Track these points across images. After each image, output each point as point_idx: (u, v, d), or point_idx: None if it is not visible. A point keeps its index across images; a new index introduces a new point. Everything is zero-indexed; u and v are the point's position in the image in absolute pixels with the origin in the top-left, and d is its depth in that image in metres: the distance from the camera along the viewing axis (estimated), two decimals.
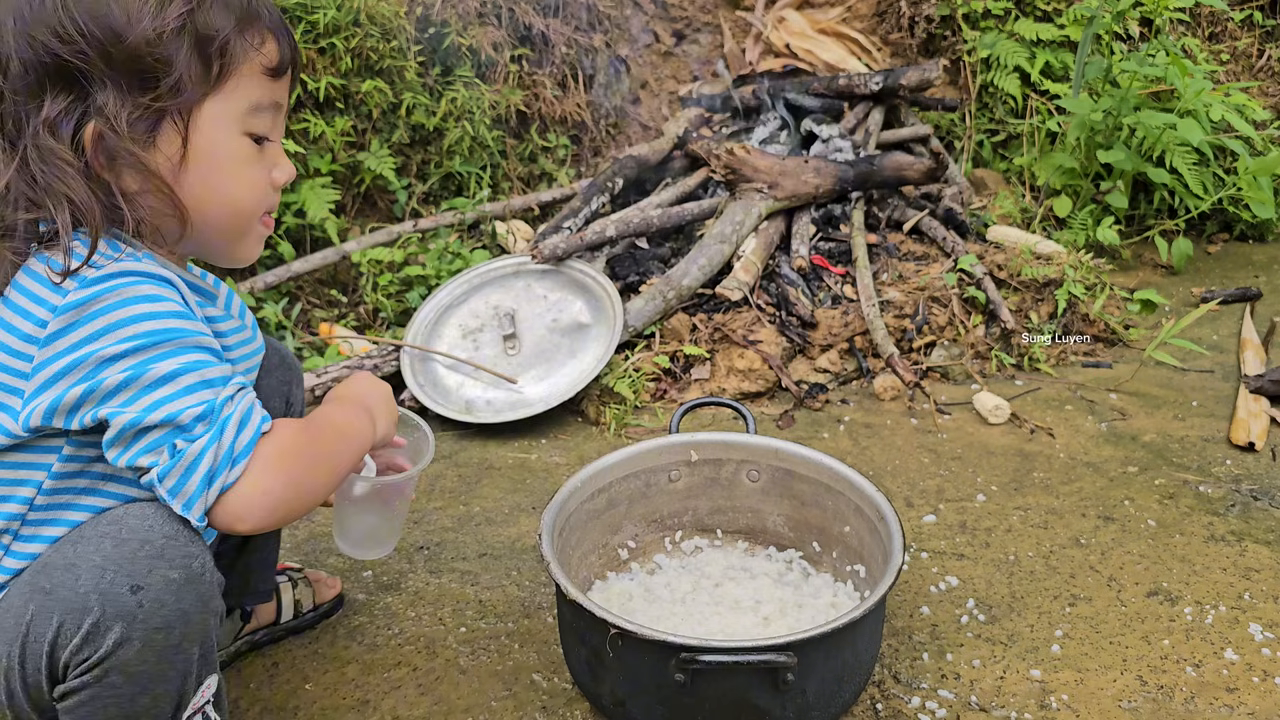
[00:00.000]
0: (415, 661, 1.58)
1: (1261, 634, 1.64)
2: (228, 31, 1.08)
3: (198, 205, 1.12)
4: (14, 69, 1.05)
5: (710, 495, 1.78)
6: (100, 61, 1.04)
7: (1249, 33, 4.02)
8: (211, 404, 1.04)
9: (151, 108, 1.06)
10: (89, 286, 1.03)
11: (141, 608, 1.01)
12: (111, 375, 1.03)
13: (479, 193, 3.18)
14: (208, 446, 1.03)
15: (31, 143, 1.05)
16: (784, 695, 1.31)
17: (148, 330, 1.04)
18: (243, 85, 1.11)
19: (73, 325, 1.03)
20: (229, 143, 1.12)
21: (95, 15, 1.04)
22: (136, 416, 1.02)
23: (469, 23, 3.28)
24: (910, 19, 3.82)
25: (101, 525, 1.06)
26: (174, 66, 1.06)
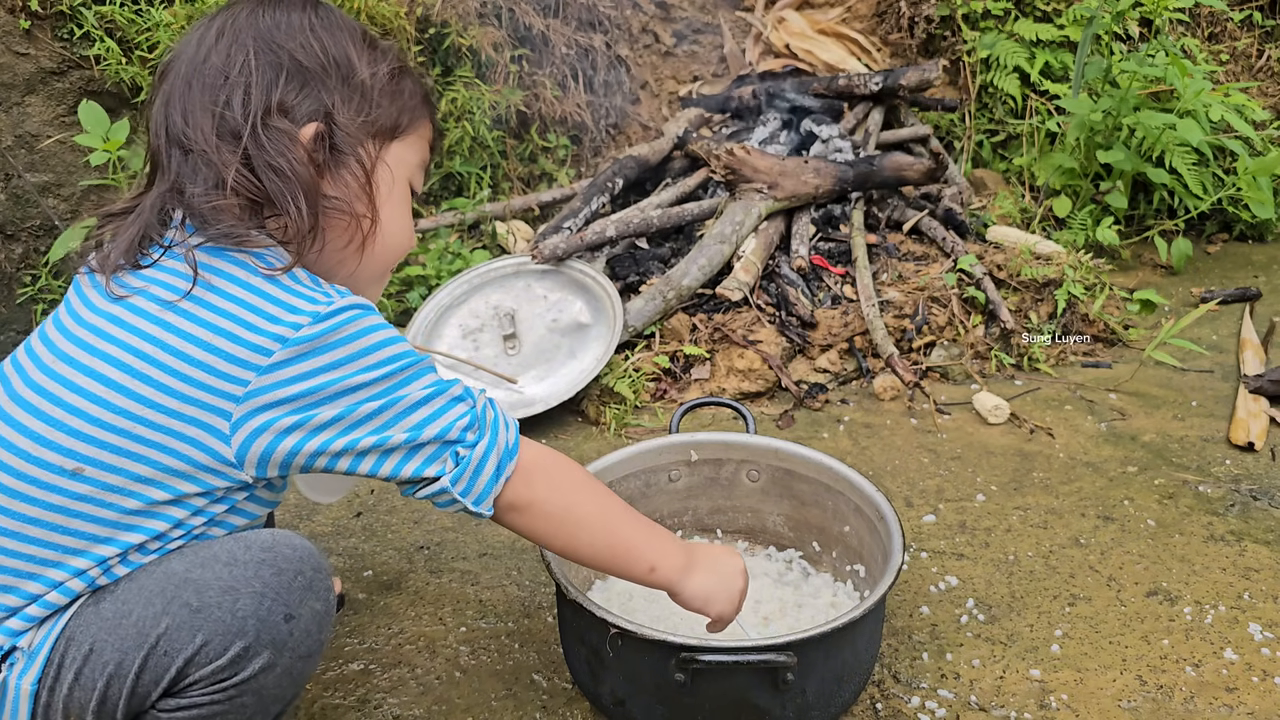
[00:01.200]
0: (415, 661, 1.59)
1: (1261, 634, 1.64)
2: (419, 97, 1.26)
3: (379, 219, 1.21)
4: (249, 65, 1.12)
5: (710, 495, 1.78)
6: (334, 74, 1.17)
7: (1249, 33, 4.02)
8: (473, 412, 1.15)
9: (362, 127, 1.18)
10: (324, 320, 1.07)
11: (292, 636, 1.07)
12: (361, 403, 1.09)
13: (479, 193, 3.18)
14: (490, 447, 1.15)
15: (262, 122, 1.11)
16: (784, 695, 1.31)
17: (386, 357, 1.11)
18: (417, 143, 1.26)
19: (304, 356, 1.07)
20: (401, 184, 1.24)
21: (335, 43, 1.18)
22: (408, 436, 1.11)
23: (469, 23, 3.28)
24: (910, 19, 3.82)
25: (255, 551, 1.08)
26: (383, 102, 1.20)
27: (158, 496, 1.08)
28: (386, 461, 1.12)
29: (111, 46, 2.71)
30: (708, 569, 1.30)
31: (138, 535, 1.09)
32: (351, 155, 1.17)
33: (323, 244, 1.16)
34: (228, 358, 1.05)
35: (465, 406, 1.15)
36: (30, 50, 2.67)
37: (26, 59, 2.67)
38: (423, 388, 1.13)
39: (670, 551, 1.28)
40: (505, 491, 1.17)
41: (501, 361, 2.51)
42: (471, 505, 1.15)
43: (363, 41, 1.21)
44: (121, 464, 1.06)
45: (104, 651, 1.04)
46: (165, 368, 1.05)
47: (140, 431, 1.06)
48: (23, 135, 2.68)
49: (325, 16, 1.19)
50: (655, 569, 1.26)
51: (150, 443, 1.06)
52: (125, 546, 1.09)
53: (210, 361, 1.05)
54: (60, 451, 1.06)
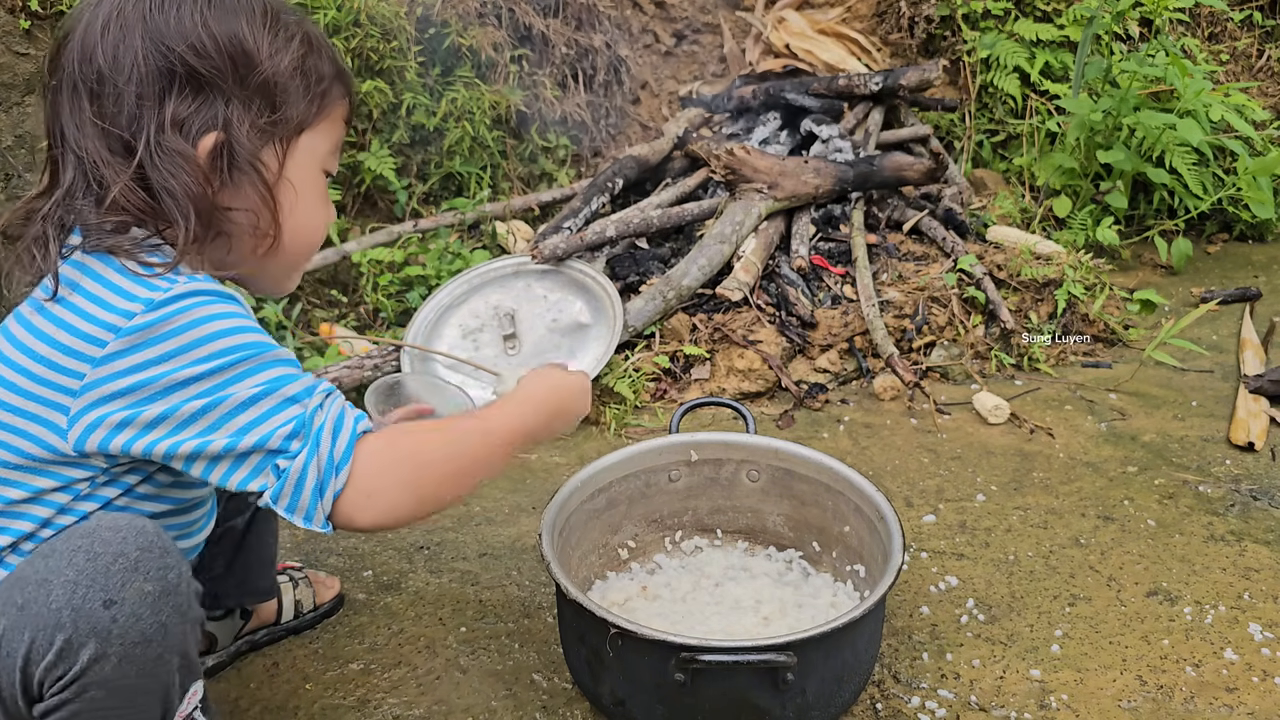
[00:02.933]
0: (415, 661, 1.59)
1: (1261, 634, 1.64)
2: (330, 78, 1.19)
3: (284, 229, 1.16)
4: (139, 72, 1.07)
5: (710, 495, 1.78)
6: (231, 78, 1.10)
7: (1249, 33, 4.02)
8: (301, 418, 1.06)
9: (265, 130, 1.13)
10: (157, 309, 1.04)
11: (116, 623, 0.99)
12: (187, 401, 1.04)
13: (479, 193, 3.18)
14: (309, 461, 1.05)
15: (155, 142, 1.07)
16: (784, 695, 1.31)
17: (221, 349, 1.05)
18: (330, 127, 1.21)
19: (136, 347, 1.03)
20: (313, 175, 1.20)
21: (232, 39, 1.10)
22: (229, 443, 1.04)
23: (469, 23, 3.28)
24: (910, 19, 3.81)
25: (74, 539, 1.03)
26: (289, 97, 1.14)
27: (15, 495, 1.09)
28: (213, 470, 1.06)
29: None
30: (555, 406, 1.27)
31: (5, 537, 1.09)
32: (252, 168, 1.11)
33: (228, 247, 1.14)
34: (67, 350, 1.05)
35: (295, 410, 1.06)
36: (30, 50, 2.67)
37: (26, 59, 2.67)
38: (254, 385, 1.05)
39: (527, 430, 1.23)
40: (340, 507, 1.06)
41: (501, 362, 2.51)
42: (301, 523, 1.06)
43: (263, 25, 1.12)
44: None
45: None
46: (17, 367, 1.07)
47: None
48: (23, 135, 2.68)
49: (220, 4, 1.11)
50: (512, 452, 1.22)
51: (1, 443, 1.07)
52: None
53: (52, 356, 1.05)
54: None
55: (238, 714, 1.48)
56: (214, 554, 1.50)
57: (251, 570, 1.55)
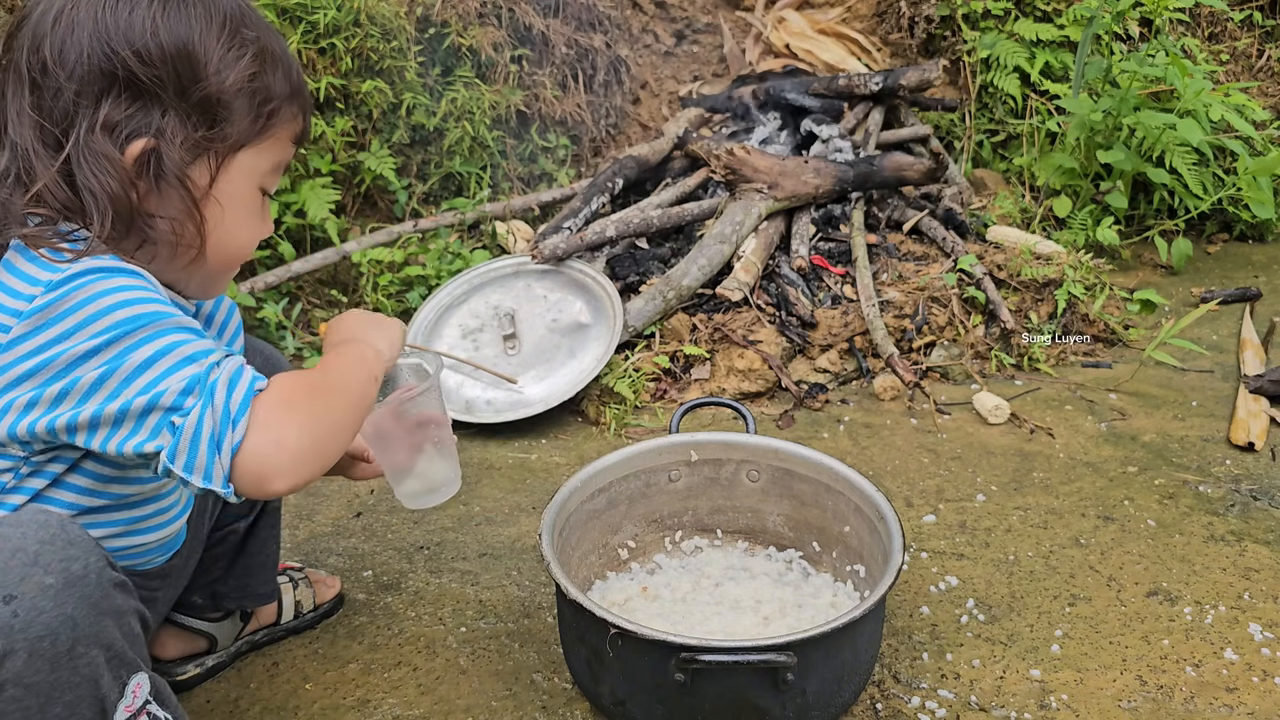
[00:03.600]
0: (415, 661, 1.59)
1: (1261, 634, 1.64)
2: (281, 99, 1.17)
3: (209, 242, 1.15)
4: (81, 70, 1.06)
5: (710, 495, 1.78)
6: (172, 89, 1.09)
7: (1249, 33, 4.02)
8: (196, 376, 1.03)
9: (200, 144, 1.11)
10: (55, 289, 1.03)
11: (17, 617, 0.96)
12: (86, 374, 1.02)
13: (479, 193, 3.18)
14: (203, 414, 1.01)
15: (84, 142, 1.06)
16: (784, 695, 1.31)
17: (118, 320, 1.03)
18: (275, 147, 1.19)
19: (37, 329, 1.03)
20: (247, 193, 1.18)
21: (180, 49, 1.08)
22: (124, 405, 1.02)
23: (469, 23, 3.28)
24: (910, 19, 3.82)
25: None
26: (232, 114, 1.12)
27: None
28: (112, 437, 1.03)
29: None
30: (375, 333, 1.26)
31: None
32: (178, 182, 1.10)
33: (152, 254, 1.13)
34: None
35: (191, 369, 1.02)
36: None
37: None
38: (151, 350, 1.02)
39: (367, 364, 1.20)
40: (240, 464, 1.01)
41: (502, 361, 2.51)
42: (200, 483, 1.01)
43: (219, 37, 1.10)
44: None
45: None
46: None
47: None
48: None
49: (176, 8, 1.09)
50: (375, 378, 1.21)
51: None
52: None
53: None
54: None
55: (238, 714, 1.48)
56: (214, 556, 1.50)
57: (252, 574, 1.55)
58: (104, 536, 1.19)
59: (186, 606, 1.52)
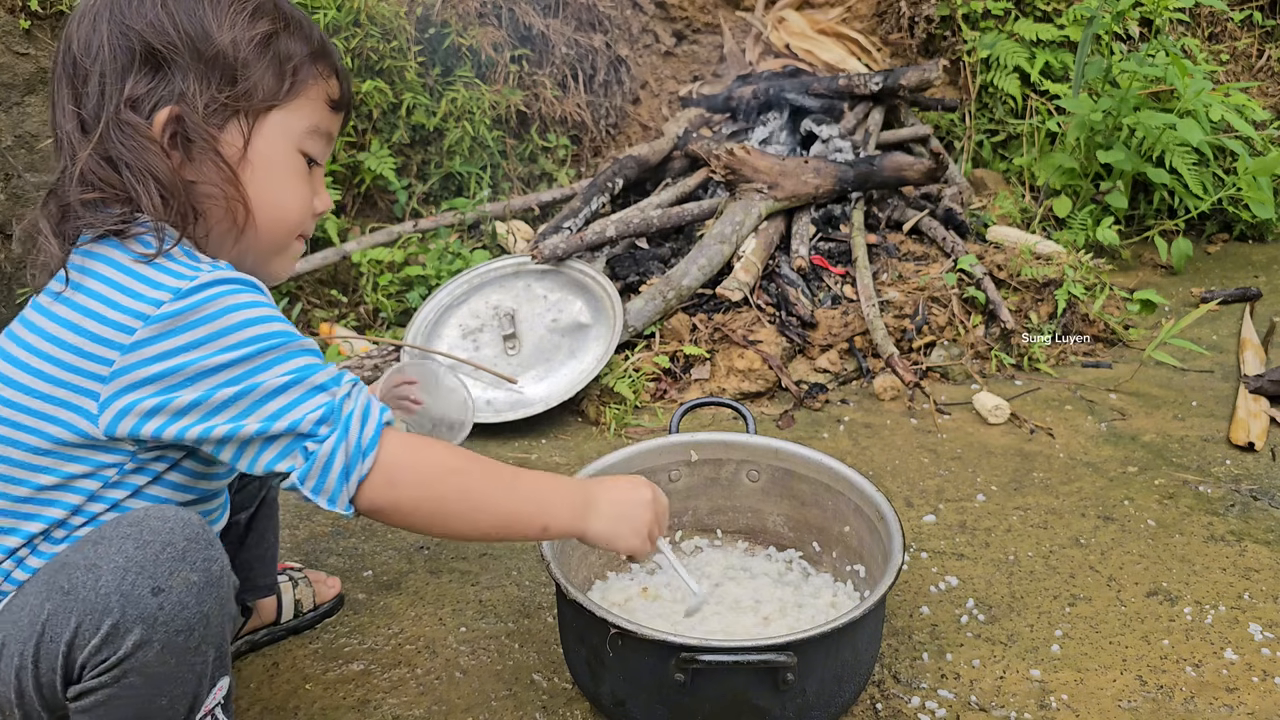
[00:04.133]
0: (415, 661, 1.59)
1: (1261, 634, 1.64)
2: (302, 56, 1.18)
3: (253, 206, 1.17)
4: (104, 55, 1.11)
5: (710, 495, 1.78)
6: (187, 53, 1.11)
7: (1249, 33, 4.02)
8: (331, 404, 1.09)
9: (226, 105, 1.13)
10: (185, 297, 1.06)
11: (162, 610, 1.02)
12: (218, 388, 1.07)
13: (479, 193, 3.18)
14: (337, 445, 1.09)
15: (113, 118, 1.10)
16: (784, 695, 1.31)
17: (249, 338, 1.07)
18: (307, 107, 1.20)
19: (165, 334, 1.06)
20: (286, 154, 1.19)
21: (190, 15, 1.12)
22: (260, 428, 1.07)
23: (469, 23, 3.28)
24: (910, 19, 3.82)
25: (123, 526, 1.06)
26: (251, 72, 1.14)
27: (45, 481, 1.10)
28: (243, 454, 1.09)
29: None
30: (607, 508, 1.27)
31: (37, 524, 1.11)
32: (205, 141, 1.12)
33: (206, 227, 1.15)
34: (94, 338, 1.07)
35: (325, 397, 1.10)
36: (30, 50, 2.67)
37: (26, 59, 2.67)
38: (282, 374, 1.08)
39: (562, 507, 1.24)
40: (363, 491, 1.11)
41: (501, 361, 2.51)
42: (325, 505, 1.10)
43: (229, 4, 1.14)
44: (6, 451, 1.10)
45: (10, 644, 1.06)
46: (41, 354, 1.09)
47: (18, 418, 1.09)
48: (23, 135, 2.68)
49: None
50: (548, 528, 1.23)
51: (26, 427, 1.09)
52: (28, 536, 1.11)
53: (79, 343, 1.07)
54: None
55: (238, 714, 1.48)
56: None
57: (253, 566, 1.55)
58: None
59: None
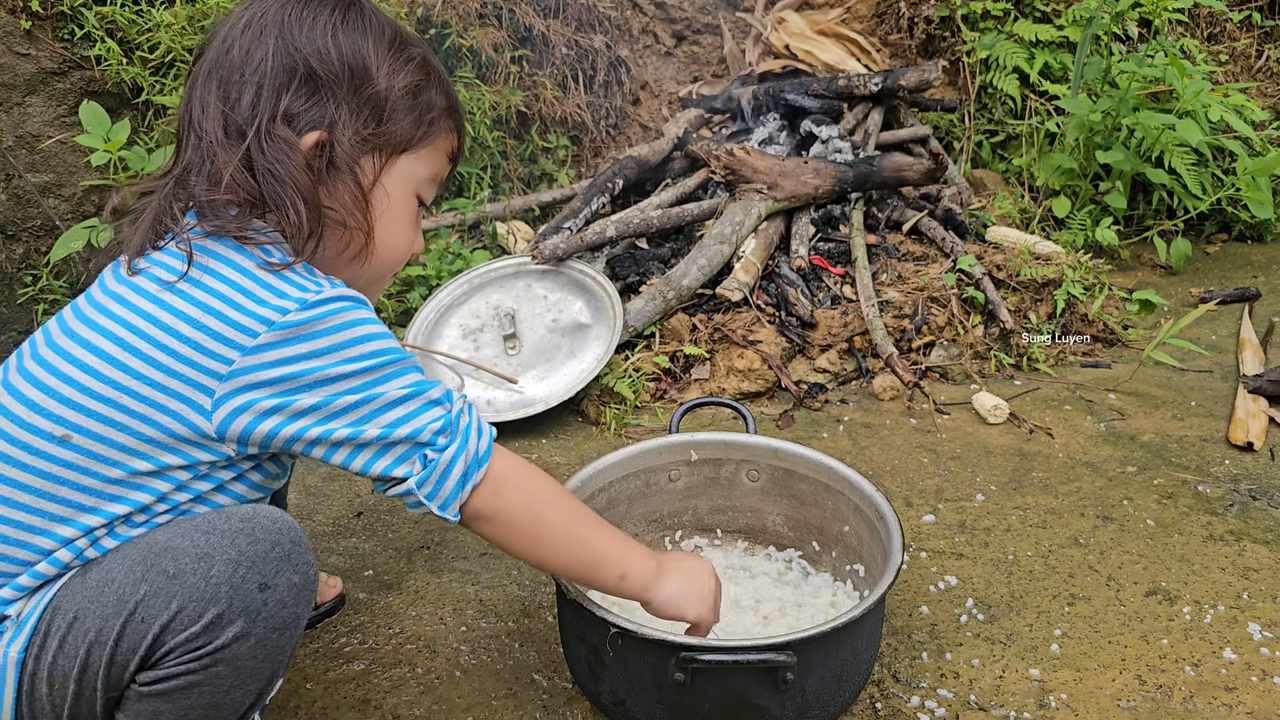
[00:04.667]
0: (415, 661, 1.59)
1: (1260, 633, 1.64)
2: (440, 110, 1.26)
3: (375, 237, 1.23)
4: (265, 67, 1.15)
5: (710, 495, 1.78)
6: (346, 85, 1.18)
7: (1248, 33, 4.03)
8: (448, 417, 1.17)
9: (368, 140, 1.20)
10: (311, 309, 1.10)
11: (266, 606, 1.07)
12: (339, 395, 1.11)
13: (479, 193, 3.18)
14: (458, 454, 1.16)
15: (266, 129, 1.14)
16: (784, 694, 1.32)
17: (369, 351, 1.13)
18: (432, 156, 1.27)
19: (288, 341, 1.09)
20: (406, 196, 1.26)
21: (355, 52, 1.19)
22: (381, 433, 1.13)
23: (469, 24, 3.29)
24: (909, 20, 3.82)
25: (234, 521, 1.09)
26: (398, 115, 1.21)
27: (140, 467, 1.11)
28: (359, 456, 1.14)
29: (112, 47, 2.71)
30: (677, 574, 1.33)
31: (122, 506, 1.12)
32: (349, 170, 1.18)
33: (321, 249, 1.19)
34: (215, 336, 1.09)
35: (441, 410, 1.17)
36: (31, 51, 2.67)
37: (27, 59, 2.67)
38: (401, 386, 1.14)
39: (640, 560, 1.30)
40: (472, 499, 1.19)
41: (502, 361, 2.51)
42: (437, 510, 1.17)
43: (389, 49, 1.21)
44: (106, 432, 1.10)
45: (86, 619, 1.06)
46: (155, 342, 1.09)
47: (125, 401, 1.09)
48: (23, 135, 2.68)
49: (354, 19, 1.20)
50: (625, 576, 1.29)
51: (134, 413, 1.10)
52: (110, 517, 1.12)
53: (198, 339, 1.09)
54: (50, 418, 1.09)
55: None
56: None
57: None
58: None
59: None
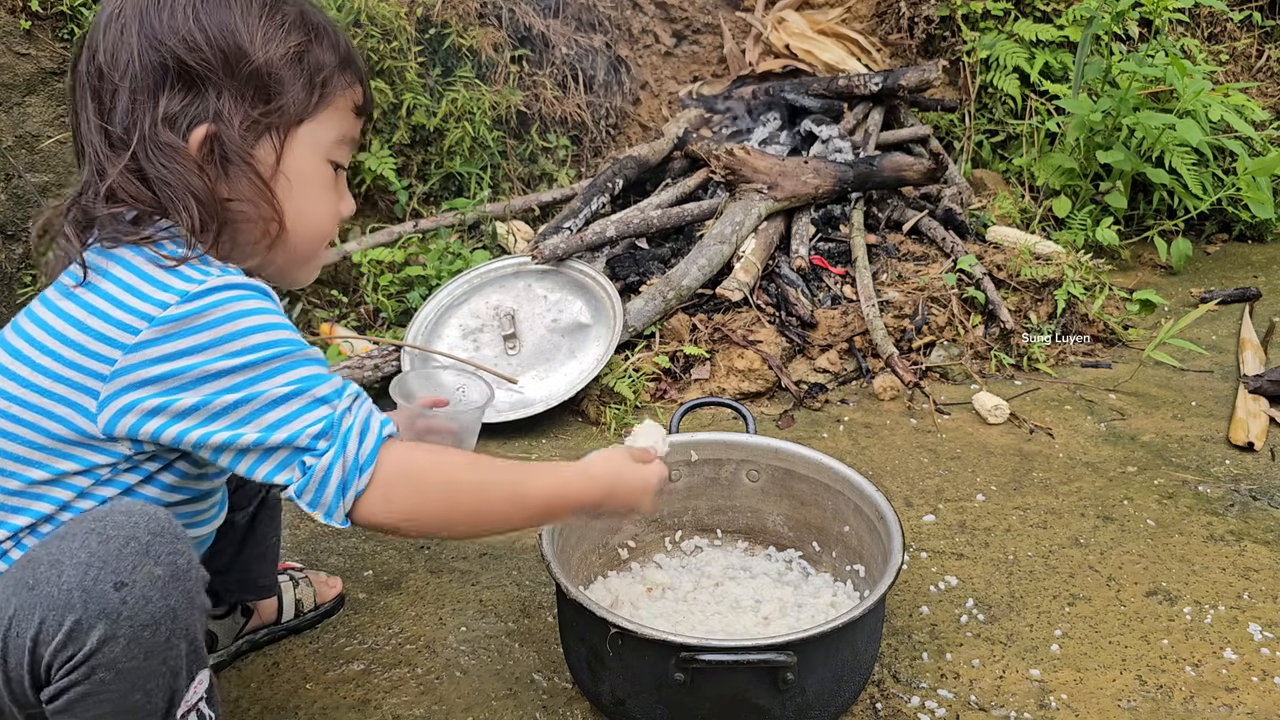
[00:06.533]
0: (415, 661, 1.59)
1: (1260, 634, 1.64)
2: (331, 67, 1.18)
3: (287, 221, 1.18)
4: (133, 69, 1.10)
5: (710, 495, 1.78)
6: (221, 71, 1.11)
7: (1248, 33, 4.03)
8: (330, 419, 1.09)
9: (259, 121, 1.13)
10: (192, 300, 1.06)
11: (125, 605, 1.01)
12: (219, 394, 1.07)
13: (479, 193, 3.18)
14: (335, 460, 1.08)
15: (149, 137, 1.10)
16: (784, 694, 1.32)
17: (254, 344, 1.07)
18: (335, 117, 1.20)
19: (169, 337, 1.06)
20: (316, 167, 1.19)
21: (224, 31, 1.11)
22: (258, 438, 1.07)
23: (469, 23, 3.28)
24: (910, 20, 3.82)
25: (86, 522, 1.05)
26: (285, 87, 1.14)
27: (37, 476, 1.10)
28: (241, 461, 1.09)
29: None
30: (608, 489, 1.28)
31: (24, 518, 1.11)
32: (243, 160, 1.12)
33: (235, 241, 1.15)
34: (98, 336, 1.07)
35: (325, 410, 1.09)
36: (31, 50, 2.67)
37: (27, 59, 2.67)
38: (285, 384, 1.08)
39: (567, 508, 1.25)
40: (359, 507, 1.11)
41: (502, 362, 2.51)
42: (322, 519, 1.10)
43: (260, 16, 1.13)
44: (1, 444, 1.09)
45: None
46: (43, 348, 1.09)
47: (14, 410, 1.09)
48: (23, 135, 2.68)
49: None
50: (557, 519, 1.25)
51: (22, 420, 1.09)
52: (13, 529, 1.11)
53: (82, 341, 1.07)
54: None
55: (238, 714, 1.48)
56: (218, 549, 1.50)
57: (253, 566, 1.55)
58: None
59: None
